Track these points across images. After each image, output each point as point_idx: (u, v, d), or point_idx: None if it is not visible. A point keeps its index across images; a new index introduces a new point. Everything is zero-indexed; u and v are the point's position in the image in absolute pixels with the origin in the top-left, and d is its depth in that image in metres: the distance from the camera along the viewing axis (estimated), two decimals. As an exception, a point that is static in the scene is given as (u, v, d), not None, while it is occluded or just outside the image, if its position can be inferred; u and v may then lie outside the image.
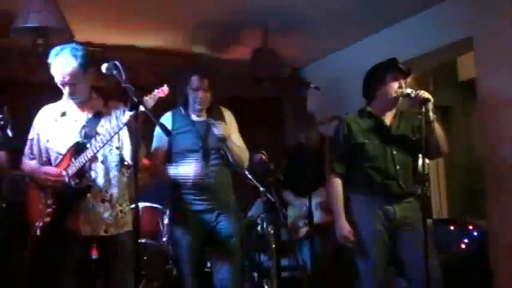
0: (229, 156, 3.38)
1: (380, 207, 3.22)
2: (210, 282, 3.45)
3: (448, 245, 4.32)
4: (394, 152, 3.25)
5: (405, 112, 3.38)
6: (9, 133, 2.98)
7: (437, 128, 3.16)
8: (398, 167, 3.23)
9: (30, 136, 3.10)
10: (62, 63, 2.94)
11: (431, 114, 3.10)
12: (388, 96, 3.25)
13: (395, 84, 3.23)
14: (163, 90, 2.94)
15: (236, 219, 3.43)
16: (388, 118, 3.33)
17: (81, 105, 3.07)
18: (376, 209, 3.22)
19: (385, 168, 3.23)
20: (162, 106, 3.03)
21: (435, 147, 3.19)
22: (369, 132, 3.30)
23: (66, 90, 2.99)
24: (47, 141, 3.04)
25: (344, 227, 3.26)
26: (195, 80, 3.37)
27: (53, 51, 2.99)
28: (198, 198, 3.31)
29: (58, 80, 2.97)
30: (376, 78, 3.31)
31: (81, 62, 2.95)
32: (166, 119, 3.41)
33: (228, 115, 3.55)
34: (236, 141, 3.44)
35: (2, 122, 2.95)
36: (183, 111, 3.45)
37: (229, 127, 3.44)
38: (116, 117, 3.03)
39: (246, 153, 3.49)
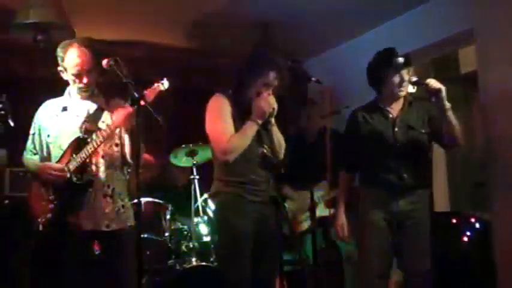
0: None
1: (383, 201, 3.22)
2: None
3: (451, 237, 4.31)
4: (398, 144, 3.23)
5: (416, 101, 3.35)
6: (11, 123, 2.89)
7: (453, 117, 3.12)
8: (400, 159, 3.21)
9: (31, 131, 3.10)
10: (78, 53, 2.96)
11: (445, 103, 3.07)
12: (394, 92, 3.26)
13: (397, 79, 3.22)
14: (163, 84, 2.94)
15: None
16: (395, 109, 3.31)
17: (84, 100, 3.07)
18: (379, 202, 3.23)
19: (387, 161, 3.23)
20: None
21: (452, 137, 3.17)
22: (373, 124, 3.31)
23: (84, 80, 2.99)
24: (48, 136, 3.04)
25: (337, 220, 3.40)
26: (272, 76, 2.88)
27: (62, 45, 3.00)
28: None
29: (74, 71, 2.97)
30: (378, 75, 3.28)
31: (93, 53, 2.98)
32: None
33: None
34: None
35: (2, 112, 2.85)
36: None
37: None
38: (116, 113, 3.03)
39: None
